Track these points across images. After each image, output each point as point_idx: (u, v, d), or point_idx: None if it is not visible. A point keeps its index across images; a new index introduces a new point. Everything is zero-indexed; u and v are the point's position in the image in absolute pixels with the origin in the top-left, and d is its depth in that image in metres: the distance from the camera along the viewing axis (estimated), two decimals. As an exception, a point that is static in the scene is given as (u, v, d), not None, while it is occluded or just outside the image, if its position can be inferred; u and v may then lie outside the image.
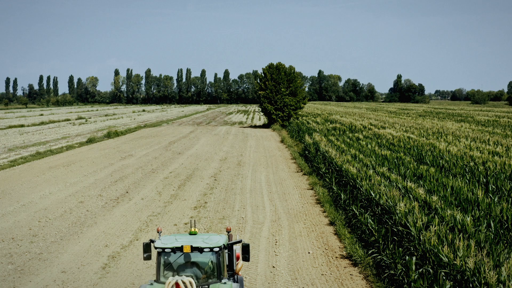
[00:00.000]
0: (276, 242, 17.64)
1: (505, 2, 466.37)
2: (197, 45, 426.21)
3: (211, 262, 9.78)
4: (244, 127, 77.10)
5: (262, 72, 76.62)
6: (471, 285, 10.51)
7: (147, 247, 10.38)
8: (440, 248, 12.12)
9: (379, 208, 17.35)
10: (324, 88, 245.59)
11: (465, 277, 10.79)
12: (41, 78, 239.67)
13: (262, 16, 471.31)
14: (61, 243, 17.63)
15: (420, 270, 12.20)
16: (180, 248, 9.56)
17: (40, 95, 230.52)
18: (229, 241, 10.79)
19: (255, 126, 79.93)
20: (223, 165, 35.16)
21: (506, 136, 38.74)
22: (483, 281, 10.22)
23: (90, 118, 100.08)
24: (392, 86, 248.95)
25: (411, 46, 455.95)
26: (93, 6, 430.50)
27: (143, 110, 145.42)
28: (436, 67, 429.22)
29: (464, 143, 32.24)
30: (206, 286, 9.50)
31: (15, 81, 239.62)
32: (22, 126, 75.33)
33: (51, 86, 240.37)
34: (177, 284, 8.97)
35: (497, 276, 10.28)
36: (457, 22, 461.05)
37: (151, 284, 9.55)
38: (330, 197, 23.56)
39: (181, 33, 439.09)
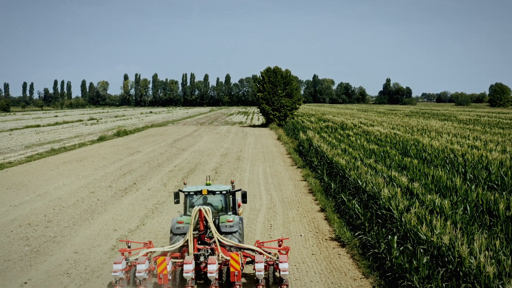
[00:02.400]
0: (271, 226, 17.85)
1: (486, 10, 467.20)
2: (201, 52, 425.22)
3: (221, 201, 13.40)
4: (244, 127, 77.24)
5: (260, 75, 76.63)
6: (446, 259, 10.72)
7: (176, 195, 14.12)
8: (419, 227, 12.34)
9: (366, 195, 17.56)
10: (319, 91, 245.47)
11: (441, 252, 11.00)
12: (55, 82, 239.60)
13: (261, 25, 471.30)
14: (74, 227, 17.85)
15: (401, 248, 12.40)
16: (200, 192, 13.12)
17: (55, 98, 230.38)
18: (232, 189, 13.82)
19: (254, 126, 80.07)
20: (223, 160, 35.35)
21: (485, 132, 38.95)
22: (456, 255, 10.43)
23: (101, 119, 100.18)
24: (381, 89, 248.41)
25: (400, 52, 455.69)
26: (104, 16, 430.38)
27: (150, 112, 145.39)
28: (423, 71, 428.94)
29: (446, 138, 32.42)
30: (217, 217, 12.97)
31: (31, 86, 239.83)
32: (38, 126, 75.40)
33: (65, 90, 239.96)
34: (200, 210, 12.05)
35: (469, 250, 10.49)
36: (442, 29, 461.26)
37: (181, 216, 12.93)
38: (321, 187, 23.76)
39: (186, 40, 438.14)
